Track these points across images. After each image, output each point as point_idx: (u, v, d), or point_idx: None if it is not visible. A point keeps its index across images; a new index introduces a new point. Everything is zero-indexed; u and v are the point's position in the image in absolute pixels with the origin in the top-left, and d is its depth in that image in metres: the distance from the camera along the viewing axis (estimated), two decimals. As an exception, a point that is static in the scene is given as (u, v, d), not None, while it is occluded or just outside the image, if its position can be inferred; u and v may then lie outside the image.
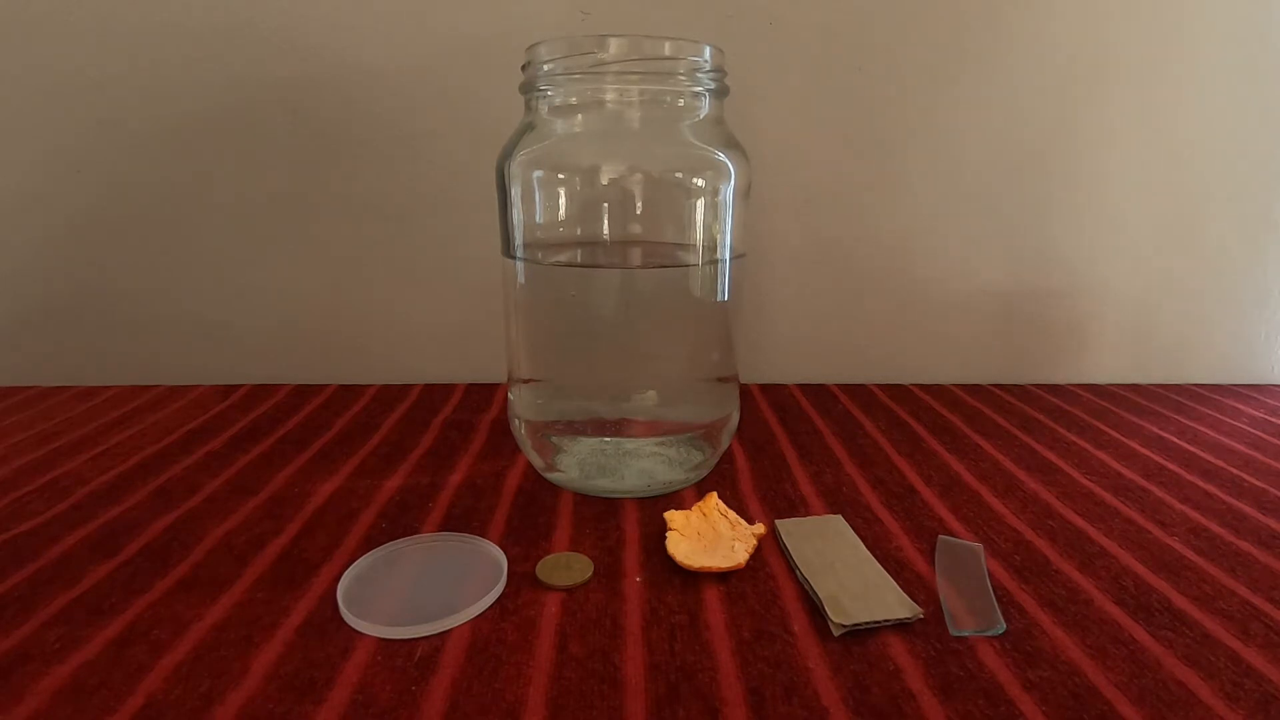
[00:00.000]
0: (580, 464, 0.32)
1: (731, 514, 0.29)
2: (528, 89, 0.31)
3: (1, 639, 0.22)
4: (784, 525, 0.29)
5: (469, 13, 0.44)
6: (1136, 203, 0.49)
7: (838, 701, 0.20)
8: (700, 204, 0.30)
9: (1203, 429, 0.42)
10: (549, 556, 0.27)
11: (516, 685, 0.20)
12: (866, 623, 0.23)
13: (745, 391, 0.46)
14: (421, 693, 0.20)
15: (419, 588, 0.25)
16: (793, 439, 0.39)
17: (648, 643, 0.22)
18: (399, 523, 0.29)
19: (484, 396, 0.45)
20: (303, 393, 0.46)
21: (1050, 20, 0.46)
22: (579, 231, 0.31)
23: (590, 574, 0.26)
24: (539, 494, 0.32)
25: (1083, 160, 0.48)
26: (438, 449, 0.37)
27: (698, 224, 0.31)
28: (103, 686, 0.20)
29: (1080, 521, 0.31)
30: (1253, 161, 0.49)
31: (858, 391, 0.48)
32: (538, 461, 0.33)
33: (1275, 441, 0.40)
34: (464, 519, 0.30)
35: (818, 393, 0.47)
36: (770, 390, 0.48)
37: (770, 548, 0.28)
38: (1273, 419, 0.44)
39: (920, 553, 0.28)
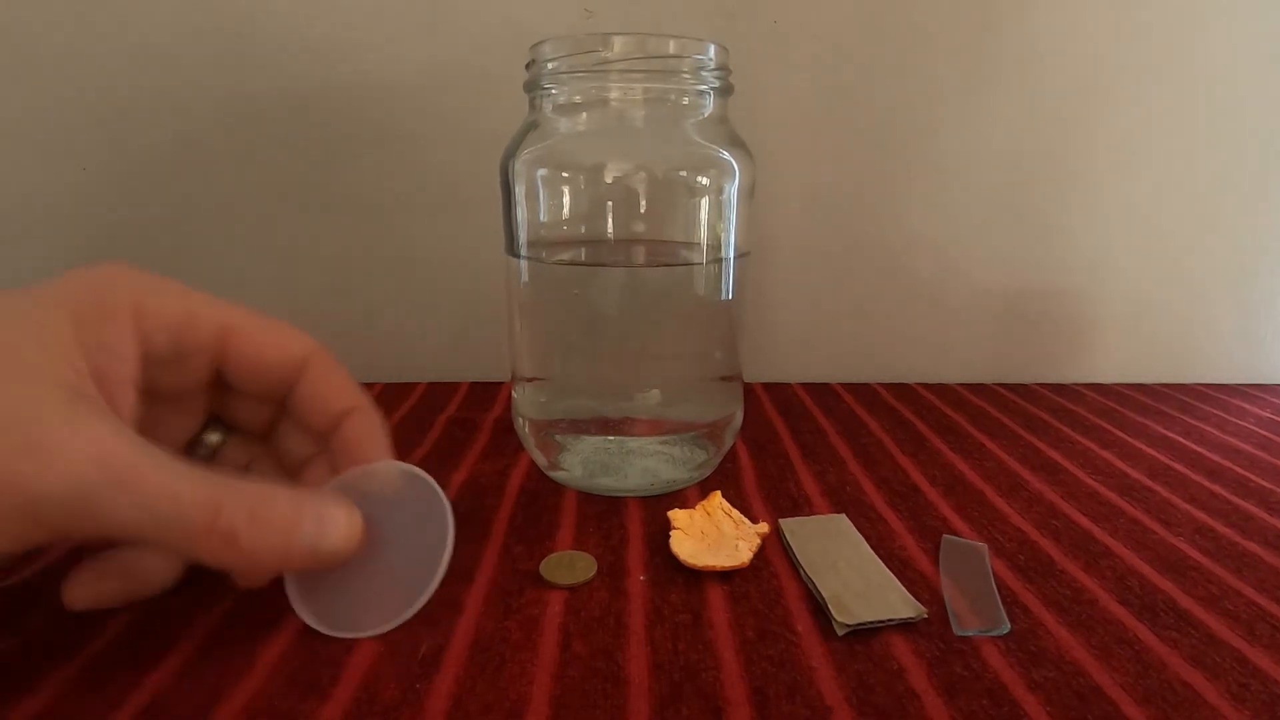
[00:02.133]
0: (584, 462, 0.32)
1: (735, 513, 0.29)
2: (532, 87, 0.31)
3: (7, 634, 0.22)
4: (788, 524, 0.29)
5: (472, 11, 0.44)
6: (1141, 201, 0.49)
7: (841, 701, 0.20)
8: (704, 202, 0.30)
9: (1209, 429, 0.42)
10: (552, 555, 0.27)
11: (520, 684, 0.20)
12: (870, 622, 0.23)
13: (749, 390, 0.46)
14: (425, 690, 0.20)
15: (369, 570, 0.23)
16: (796, 438, 0.39)
17: (651, 642, 0.22)
18: (403, 521, 0.29)
19: (487, 395, 0.45)
20: (307, 391, 0.46)
21: (1057, 22, 0.46)
22: (583, 230, 0.31)
23: (594, 573, 0.26)
24: (542, 492, 0.32)
25: (1088, 159, 0.48)
26: (441, 447, 0.37)
27: (702, 222, 0.31)
28: (109, 682, 0.20)
29: (1085, 521, 0.30)
30: (1258, 160, 0.49)
31: (861, 390, 0.48)
32: (541, 460, 0.33)
33: (1282, 442, 0.40)
34: (468, 517, 0.30)
35: (821, 392, 0.47)
36: (774, 389, 0.48)
37: (774, 547, 0.28)
38: (1279, 418, 0.44)
39: (924, 552, 0.28)
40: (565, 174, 0.30)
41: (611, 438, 0.32)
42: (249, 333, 0.23)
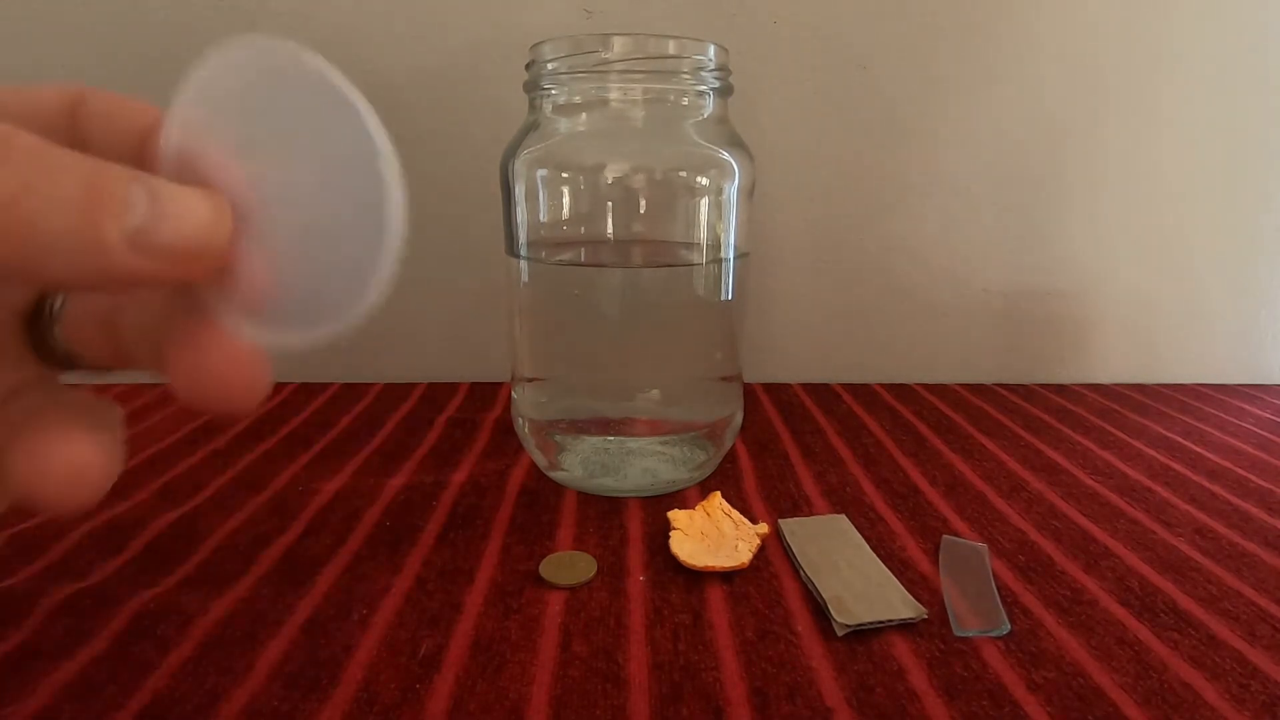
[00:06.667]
0: (584, 463, 0.32)
1: (735, 513, 0.29)
2: (532, 88, 0.31)
3: (9, 635, 0.22)
4: (788, 525, 0.29)
5: (473, 12, 0.44)
6: (1142, 201, 0.49)
7: (841, 702, 0.20)
8: (704, 203, 0.30)
9: (1208, 429, 0.42)
10: (553, 555, 0.27)
11: (520, 684, 0.20)
12: (870, 623, 0.23)
13: (749, 390, 0.46)
14: (425, 690, 0.20)
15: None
16: (796, 438, 0.39)
17: (651, 642, 0.22)
18: (403, 520, 0.29)
19: (487, 395, 0.45)
20: (307, 391, 0.46)
21: (1056, 22, 0.46)
22: (583, 230, 0.31)
23: (594, 573, 0.26)
24: (543, 492, 0.32)
25: (1088, 160, 0.48)
26: (441, 447, 0.37)
27: (701, 223, 0.31)
28: (110, 682, 0.20)
29: (1085, 522, 0.30)
30: (1257, 161, 0.49)
31: (861, 391, 0.48)
32: (541, 460, 0.33)
33: (1282, 442, 0.40)
34: (468, 517, 0.30)
35: (821, 392, 0.47)
36: (774, 389, 0.48)
37: (774, 547, 0.28)
38: (1279, 419, 0.44)
39: (924, 553, 0.28)
40: (565, 174, 0.30)
41: (611, 438, 0.32)
42: (101, 94, 0.17)
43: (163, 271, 0.12)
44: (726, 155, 0.30)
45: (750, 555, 0.26)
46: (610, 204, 0.30)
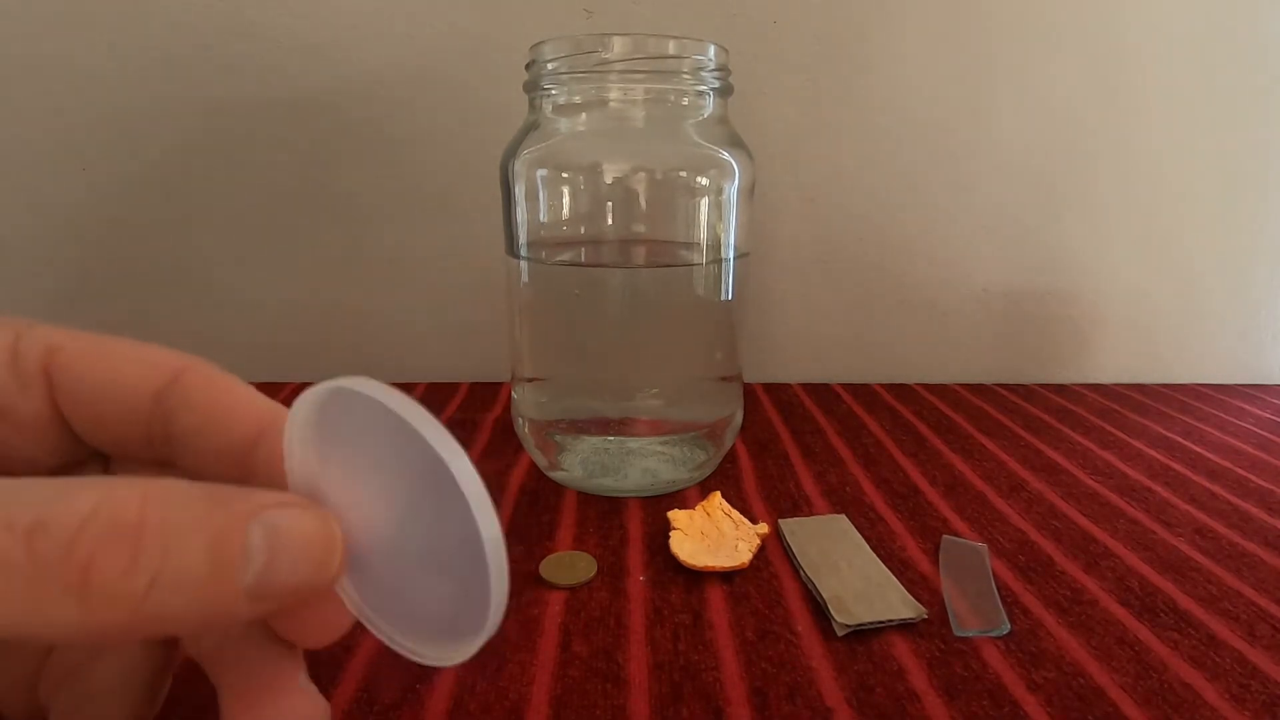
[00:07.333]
0: (583, 463, 0.32)
1: (735, 513, 0.29)
2: (531, 88, 0.31)
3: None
4: (788, 525, 0.29)
5: (472, 11, 0.44)
6: (1141, 201, 0.49)
7: (841, 702, 0.20)
8: (704, 203, 0.30)
9: (1209, 429, 0.42)
10: (552, 555, 0.27)
11: (520, 684, 0.20)
12: (870, 623, 0.23)
13: (749, 390, 0.46)
14: (425, 690, 0.20)
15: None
16: (796, 438, 0.39)
17: (651, 642, 0.22)
18: (403, 521, 0.29)
19: (487, 395, 0.45)
20: (307, 391, 0.46)
21: (1057, 24, 0.46)
22: (583, 230, 0.31)
23: (594, 573, 0.26)
24: (542, 492, 0.32)
25: (1088, 159, 0.48)
26: (441, 447, 0.37)
27: (701, 223, 0.31)
28: (108, 683, 0.20)
29: (1085, 522, 0.30)
30: (1257, 160, 0.49)
31: (861, 391, 0.48)
32: (541, 460, 0.33)
33: (1282, 442, 0.40)
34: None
35: (821, 392, 0.47)
36: (774, 389, 0.48)
37: (774, 547, 0.28)
38: (1279, 419, 0.44)
39: (924, 553, 0.28)
40: (565, 174, 0.30)
41: (611, 438, 0.32)
42: (77, 350, 0.15)
43: (275, 609, 0.12)
44: (726, 155, 0.30)
45: (750, 555, 0.26)
46: (610, 204, 0.30)
